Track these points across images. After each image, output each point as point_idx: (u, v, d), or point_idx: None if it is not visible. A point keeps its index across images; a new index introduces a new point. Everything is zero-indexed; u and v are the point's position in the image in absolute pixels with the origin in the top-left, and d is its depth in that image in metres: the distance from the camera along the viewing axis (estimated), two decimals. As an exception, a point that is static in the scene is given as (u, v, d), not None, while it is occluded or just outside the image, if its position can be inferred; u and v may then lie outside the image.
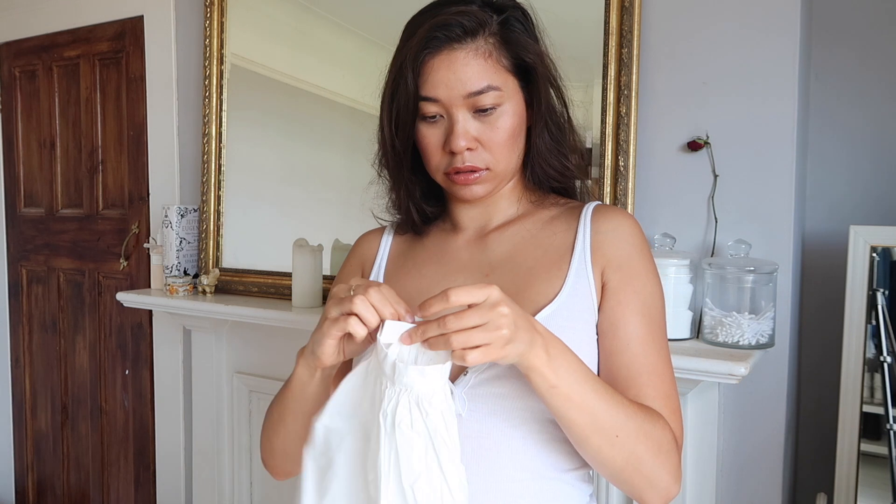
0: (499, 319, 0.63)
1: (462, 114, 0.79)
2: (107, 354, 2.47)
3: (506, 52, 0.79)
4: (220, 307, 1.82)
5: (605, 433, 0.71)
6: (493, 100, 0.78)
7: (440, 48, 0.78)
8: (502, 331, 0.63)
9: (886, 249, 1.32)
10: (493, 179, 0.83)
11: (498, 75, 0.79)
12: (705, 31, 1.41)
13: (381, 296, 0.68)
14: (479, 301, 0.64)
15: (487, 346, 0.63)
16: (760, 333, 1.28)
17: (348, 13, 1.84)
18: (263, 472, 1.97)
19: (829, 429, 1.39)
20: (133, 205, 2.35)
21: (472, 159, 0.80)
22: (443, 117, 0.80)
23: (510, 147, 0.82)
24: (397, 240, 0.96)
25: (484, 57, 0.78)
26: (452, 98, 0.78)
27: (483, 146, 0.80)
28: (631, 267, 0.81)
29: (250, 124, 2.02)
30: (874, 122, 1.49)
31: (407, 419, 0.65)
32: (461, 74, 0.77)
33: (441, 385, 0.66)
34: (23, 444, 2.78)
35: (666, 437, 0.75)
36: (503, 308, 0.63)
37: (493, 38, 0.79)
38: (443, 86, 0.78)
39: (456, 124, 0.79)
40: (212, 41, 2.03)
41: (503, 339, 0.64)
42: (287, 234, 1.84)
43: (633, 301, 0.80)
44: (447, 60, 0.77)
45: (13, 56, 2.66)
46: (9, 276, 2.77)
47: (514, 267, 0.84)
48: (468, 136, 0.79)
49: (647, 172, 1.46)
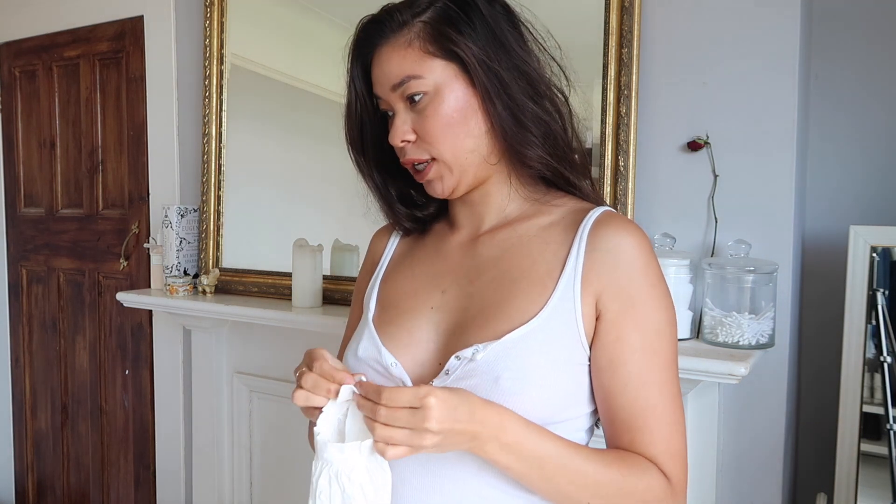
0: (423, 432, 0.65)
1: (400, 107, 0.79)
2: (107, 354, 2.47)
3: (431, 39, 0.77)
4: (220, 307, 1.82)
5: (572, 501, 0.72)
6: (416, 88, 0.77)
7: (375, 46, 0.81)
8: (425, 440, 0.65)
9: (886, 249, 1.32)
10: (449, 170, 0.79)
11: (421, 63, 0.77)
12: (705, 31, 1.41)
13: (313, 378, 0.72)
14: (414, 406, 0.65)
15: (408, 447, 0.65)
16: (760, 333, 1.28)
17: (349, 13, 1.84)
18: (263, 472, 1.97)
19: (829, 429, 1.39)
20: (133, 205, 2.35)
21: (412, 152, 0.80)
22: (393, 114, 0.81)
23: (449, 133, 0.77)
24: (403, 238, 0.96)
25: (403, 48, 0.78)
26: (386, 94, 0.80)
27: (420, 137, 0.79)
28: (631, 296, 0.74)
29: (250, 124, 2.02)
30: (874, 122, 1.49)
31: (326, 491, 0.69)
32: (385, 69, 0.79)
33: (363, 460, 0.68)
34: (23, 444, 2.78)
35: (652, 492, 0.73)
36: (432, 423, 0.64)
37: (418, 28, 0.78)
38: (378, 84, 0.80)
39: (393, 119, 0.80)
40: (212, 41, 2.03)
41: (424, 448, 0.66)
42: (287, 234, 1.83)
43: (632, 336, 0.74)
44: (377, 58, 0.80)
45: (13, 56, 2.66)
46: (9, 276, 2.77)
47: (499, 276, 0.80)
48: (401, 129, 0.79)
49: (647, 172, 1.46)
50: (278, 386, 1.89)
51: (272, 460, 1.94)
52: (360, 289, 0.98)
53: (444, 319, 0.81)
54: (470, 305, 0.80)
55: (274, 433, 1.93)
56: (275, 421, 1.91)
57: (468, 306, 0.80)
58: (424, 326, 0.81)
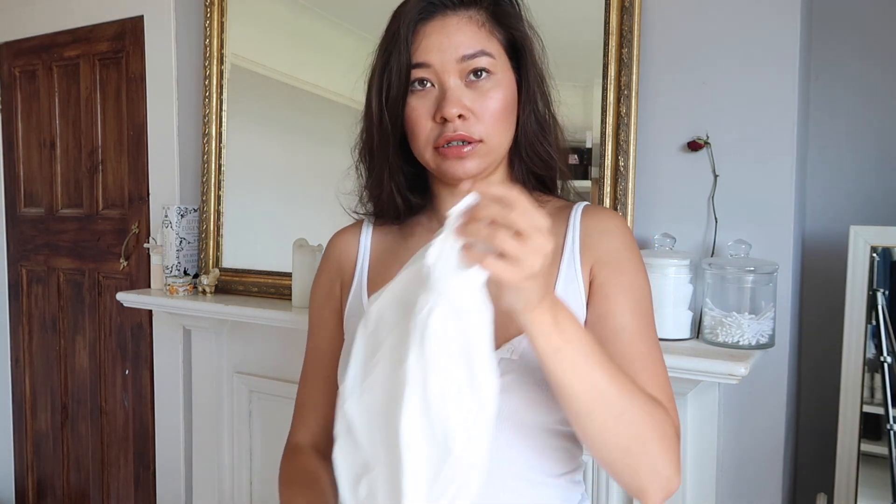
0: (539, 249, 0.58)
1: (454, 81, 0.77)
2: (107, 354, 2.47)
3: (498, 27, 0.79)
4: (220, 307, 1.82)
5: (610, 408, 0.67)
6: (486, 64, 0.77)
7: (433, 14, 0.77)
8: (537, 258, 0.58)
9: (886, 249, 1.32)
10: (486, 155, 0.79)
11: (491, 44, 0.78)
12: (705, 31, 1.41)
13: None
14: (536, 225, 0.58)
15: (516, 262, 0.57)
16: (760, 333, 1.28)
17: (348, 12, 1.84)
18: (263, 472, 1.97)
19: (829, 429, 1.39)
20: (133, 205, 2.35)
21: (464, 128, 0.76)
22: (433, 86, 0.78)
23: (503, 120, 0.79)
24: (377, 234, 0.92)
25: (477, 25, 0.78)
26: (445, 62, 0.76)
27: (476, 116, 0.77)
28: (619, 263, 0.81)
29: (250, 124, 2.02)
30: (874, 122, 1.49)
31: (440, 328, 0.59)
32: (454, 39, 0.76)
33: (480, 292, 0.59)
34: (23, 444, 2.78)
35: (667, 424, 0.73)
36: (547, 245, 0.58)
37: (486, 12, 0.79)
38: (435, 50, 0.76)
39: (448, 90, 0.76)
40: (212, 41, 2.03)
41: (531, 268, 0.58)
42: (287, 234, 1.83)
43: (621, 294, 0.80)
44: (440, 25, 0.77)
45: (13, 56, 2.66)
46: (9, 276, 2.77)
47: None
48: (460, 102, 0.76)
49: (647, 172, 1.46)
50: (278, 386, 1.89)
51: (272, 460, 1.94)
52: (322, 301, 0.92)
53: None
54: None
55: (274, 433, 1.93)
56: (275, 421, 1.91)
57: None
58: None
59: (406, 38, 0.77)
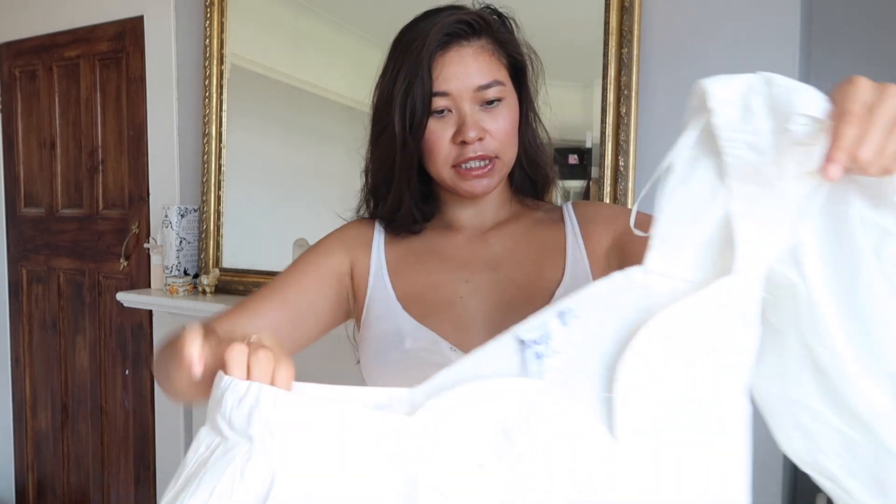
0: None
1: (470, 106, 0.83)
2: (107, 354, 2.47)
3: (503, 52, 0.86)
4: (221, 307, 1.82)
5: None
6: (498, 93, 0.84)
7: (450, 45, 0.83)
8: None
9: (886, 249, 1.32)
10: (501, 170, 0.87)
11: (500, 72, 0.85)
12: (705, 31, 1.41)
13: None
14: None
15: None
16: (760, 333, 1.28)
17: (348, 13, 1.84)
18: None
19: (829, 429, 1.38)
20: (133, 205, 2.35)
21: (482, 148, 0.83)
22: (451, 112, 0.84)
23: (514, 136, 0.87)
24: (389, 239, 0.95)
25: (488, 54, 0.84)
26: (462, 91, 0.82)
27: (491, 136, 0.84)
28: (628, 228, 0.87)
29: (250, 124, 2.02)
30: (874, 122, 1.49)
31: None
32: (471, 69, 0.83)
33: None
34: (23, 444, 2.78)
35: None
36: None
37: (493, 39, 0.86)
38: (454, 80, 0.82)
39: (467, 116, 0.83)
40: (212, 41, 2.03)
41: None
42: (287, 234, 1.84)
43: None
44: (457, 56, 0.83)
45: (13, 56, 2.66)
46: (9, 276, 2.77)
47: (520, 260, 0.89)
48: (478, 126, 0.83)
49: (647, 172, 1.46)
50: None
51: (272, 460, 1.94)
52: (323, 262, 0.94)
53: (478, 306, 0.86)
54: (503, 289, 0.86)
55: (274, 433, 1.93)
56: (275, 421, 1.91)
57: (501, 290, 0.86)
58: (463, 314, 0.85)
59: (428, 67, 0.82)
